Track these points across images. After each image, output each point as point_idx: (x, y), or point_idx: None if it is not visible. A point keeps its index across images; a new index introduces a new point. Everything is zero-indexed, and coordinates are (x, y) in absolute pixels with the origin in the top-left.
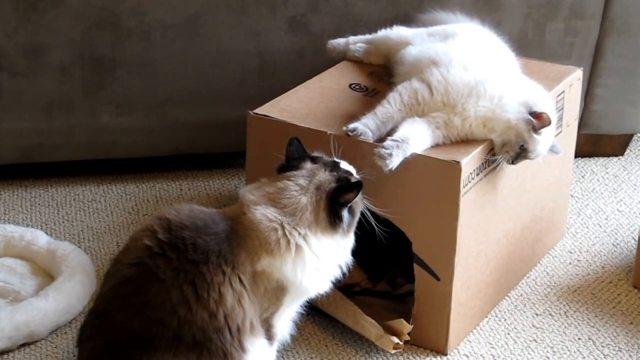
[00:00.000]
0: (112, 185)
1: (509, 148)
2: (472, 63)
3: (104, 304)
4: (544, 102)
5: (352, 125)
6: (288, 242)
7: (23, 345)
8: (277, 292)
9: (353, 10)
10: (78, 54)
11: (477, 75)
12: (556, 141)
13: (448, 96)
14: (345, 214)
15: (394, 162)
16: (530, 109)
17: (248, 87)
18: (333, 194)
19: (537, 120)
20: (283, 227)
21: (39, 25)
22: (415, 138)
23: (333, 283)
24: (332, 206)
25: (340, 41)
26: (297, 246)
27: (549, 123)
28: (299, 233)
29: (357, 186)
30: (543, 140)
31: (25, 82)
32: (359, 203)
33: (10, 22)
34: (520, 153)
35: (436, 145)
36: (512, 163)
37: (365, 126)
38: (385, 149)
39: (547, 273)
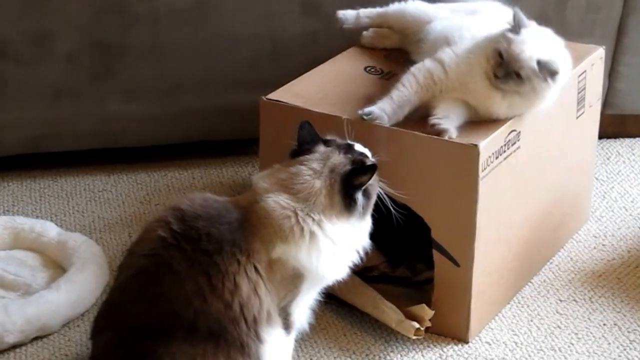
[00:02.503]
0: (123, 175)
1: (489, 58)
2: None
3: (118, 295)
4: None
5: (367, 109)
6: (302, 229)
7: (35, 338)
8: (293, 280)
9: None
10: (85, 40)
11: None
12: (554, 59)
13: (460, 74)
14: (359, 196)
15: (451, 132)
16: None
17: (260, 71)
18: (347, 176)
19: (511, 21)
20: (296, 214)
21: (44, 12)
22: (454, 114)
23: (351, 268)
24: (347, 189)
25: (350, 13)
26: (311, 233)
27: (518, 15)
28: (313, 219)
29: (372, 168)
30: (519, 42)
31: (31, 71)
32: (375, 186)
33: (15, 9)
34: (502, 61)
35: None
36: (497, 78)
37: (382, 110)
38: (439, 124)
39: (571, 258)
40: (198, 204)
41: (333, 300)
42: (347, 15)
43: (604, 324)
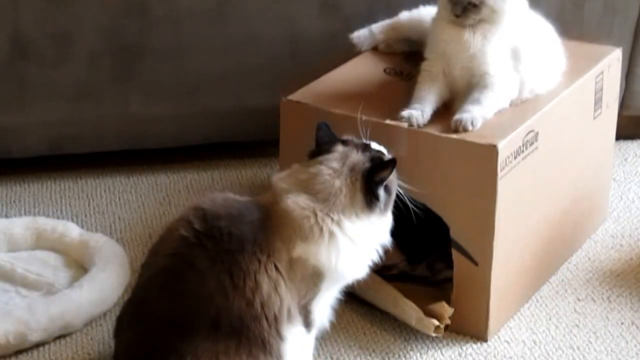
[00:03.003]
0: (143, 176)
1: (444, 5)
2: None
3: (141, 294)
4: None
5: (405, 113)
6: (321, 228)
7: (59, 337)
8: (314, 278)
9: None
10: (106, 42)
11: None
12: None
13: (435, 40)
14: (381, 192)
15: (417, 119)
16: None
17: (279, 73)
18: (368, 173)
19: None
20: (316, 214)
21: (67, 14)
22: (429, 98)
23: (370, 267)
24: (368, 186)
25: (364, 34)
26: (330, 232)
27: None
28: (332, 219)
29: (392, 163)
30: None
31: (53, 72)
32: (394, 181)
33: (38, 11)
34: (455, 0)
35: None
36: (457, 16)
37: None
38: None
39: (589, 258)
40: (219, 203)
41: (353, 299)
42: (362, 37)
43: (622, 323)
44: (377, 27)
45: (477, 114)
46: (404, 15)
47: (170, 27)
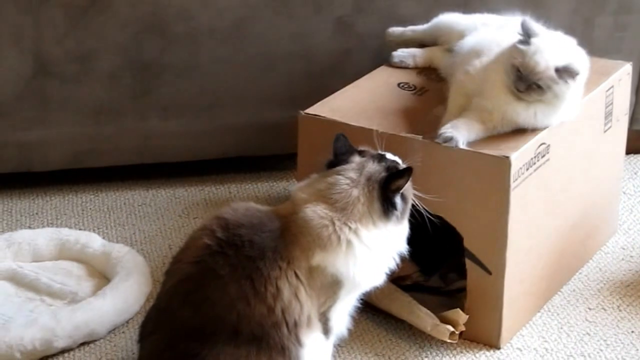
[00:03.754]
0: (161, 190)
1: (508, 74)
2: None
3: (165, 301)
4: None
5: (446, 135)
6: (339, 237)
7: (83, 344)
8: (332, 286)
9: (398, 11)
10: (126, 59)
11: None
12: (571, 61)
13: (482, 81)
14: (398, 200)
15: (459, 141)
16: None
17: (295, 89)
18: (385, 182)
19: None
20: (334, 223)
21: (87, 32)
22: (465, 126)
23: (387, 275)
24: (385, 194)
25: (405, 54)
26: (348, 242)
27: (527, 25)
28: (350, 228)
29: (408, 172)
30: (531, 52)
31: (74, 88)
32: (410, 190)
33: (60, 29)
34: (521, 75)
35: (484, 139)
36: (519, 91)
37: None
38: (444, 133)
39: (600, 269)
40: (241, 213)
41: (368, 308)
42: (403, 57)
43: (632, 331)
44: (419, 54)
45: None
46: (434, 22)
47: (188, 45)
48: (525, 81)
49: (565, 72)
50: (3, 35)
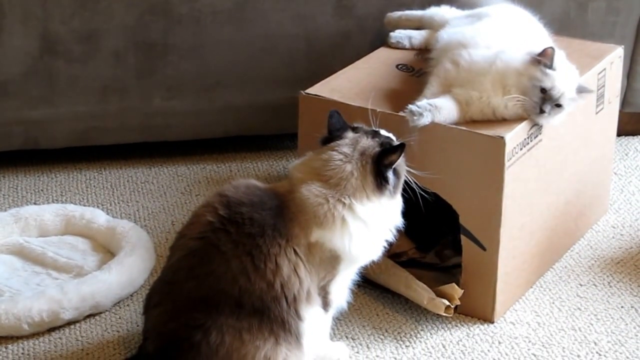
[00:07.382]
0: (164, 167)
1: (530, 96)
2: (494, 41)
3: (170, 274)
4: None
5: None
6: (334, 215)
7: (89, 316)
8: (331, 261)
9: None
10: (131, 39)
11: (497, 51)
12: (580, 78)
13: (470, 73)
14: (390, 175)
15: (422, 121)
16: (534, 53)
17: (295, 69)
18: (378, 156)
19: (543, 56)
20: (328, 201)
21: (94, 12)
22: (445, 109)
23: (385, 248)
24: (378, 169)
25: (402, 35)
26: (342, 218)
27: (554, 52)
28: (344, 204)
29: (400, 147)
30: (559, 76)
31: (80, 68)
32: (403, 166)
33: (67, 9)
34: (545, 98)
35: (463, 123)
36: (542, 112)
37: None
38: (418, 107)
39: (591, 246)
40: (242, 191)
41: (367, 283)
42: (400, 39)
43: (622, 307)
44: (416, 35)
45: None
46: (428, 12)
47: (192, 26)
48: (551, 102)
49: (582, 92)
50: (11, 14)
